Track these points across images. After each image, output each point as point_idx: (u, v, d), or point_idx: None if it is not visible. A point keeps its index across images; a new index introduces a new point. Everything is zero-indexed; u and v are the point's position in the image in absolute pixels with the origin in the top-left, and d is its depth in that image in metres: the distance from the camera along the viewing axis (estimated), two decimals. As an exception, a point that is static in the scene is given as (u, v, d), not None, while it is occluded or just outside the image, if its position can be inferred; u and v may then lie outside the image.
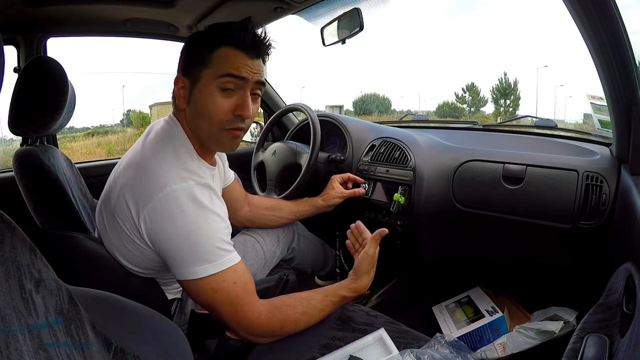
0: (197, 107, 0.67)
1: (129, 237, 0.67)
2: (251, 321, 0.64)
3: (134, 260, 0.71)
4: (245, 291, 0.65)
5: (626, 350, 0.42)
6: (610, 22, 0.58)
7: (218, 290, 0.63)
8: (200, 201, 0.63)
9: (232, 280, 0.64)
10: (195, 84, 0.66)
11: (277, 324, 0.65)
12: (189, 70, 0.67)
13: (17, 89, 0.79)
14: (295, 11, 1.12)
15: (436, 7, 49.06)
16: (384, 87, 46.60)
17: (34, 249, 0.38)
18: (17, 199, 0.77)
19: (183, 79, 0.68)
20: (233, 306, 0.64)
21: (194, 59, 0.67)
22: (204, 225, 0.63)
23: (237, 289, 0.64)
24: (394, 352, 0.58)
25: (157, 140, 0.69)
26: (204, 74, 0.65)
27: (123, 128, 12.54)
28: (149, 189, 0.62)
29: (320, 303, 0.70)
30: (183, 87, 0.68)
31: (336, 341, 0.63)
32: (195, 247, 0.62)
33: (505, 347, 0.96)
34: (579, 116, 12.44)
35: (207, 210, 0.64)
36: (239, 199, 1.01)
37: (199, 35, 0.68)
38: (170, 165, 0.65)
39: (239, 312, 0.64)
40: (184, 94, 0.68)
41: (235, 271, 0.65)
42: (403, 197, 0.98)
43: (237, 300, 0.64)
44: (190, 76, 0.67)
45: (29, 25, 1.10)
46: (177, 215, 0.61)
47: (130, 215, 0.65)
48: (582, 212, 0.79)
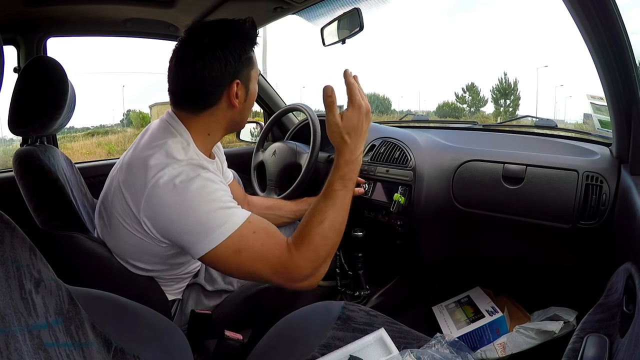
0: (251, 101, 0.75)
1: (132, 234, 0.67)
2: (286, 263, 0.62)
3: (139, 258, 0.71)
4: (267, 236, 0.63)
5: (626, 350, 0.42)
6: (610, 22, 0.58)
7: (241, 249, 0.61)
8: (192, 176, 0.63)
9: (251, 232, 0.62)
10: (249, 83, 0.73)
11: (307, 248, 0.63)
12: (240, 73, 0.71)
13: (17, 89, 0.79)
14: (295, 11, 1.12)
15: (436, 7, 49.07)
16: (384, 87, 46.60)
17: (34, 249, 0.38)
18: (17, 199, 0.78)
19: (239, 83, 0.71)
20: (263, 257, 0.62)
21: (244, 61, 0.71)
22: (201, 193, 0.62)
23: (260, 237, 0.62)
24: (394, 352, 0.58)
25: (152, 137, 0.70)
26: (253, 75, 0.74)
27: (123, 128, 12.52)
28: (143, 181, 0.63)
29: (326, 201, 0.66)
30: (240, 90, 0.71)
31: (336, 341, 0.63)
32: (199, 217, 0.61)
33: (505, 347, 0.96)
34: (579, 116, 12.42)
35: (200, 179, 0.63)
36: (238, 199, 1.01)
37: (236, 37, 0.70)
38: (162, 156, 0.65)
39: (270, 260, 0.62)
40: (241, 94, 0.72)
41: (251, 222, 0.63)
42: (403, 197, 0.98)
43: (264, 248, 0.62)
44: (244, 78, 0.72)
45: (29, 25, 1.10)
46: (171, 195, 0.61)
47: (130, 211, 0.65)
48: (582, 212, 0.79)
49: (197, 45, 0.68)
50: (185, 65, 0.69)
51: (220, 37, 0.69)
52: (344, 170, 0.67)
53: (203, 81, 0.68)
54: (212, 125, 0.73)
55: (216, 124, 0.73)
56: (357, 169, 0.69)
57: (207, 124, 0.72)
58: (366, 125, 0.69)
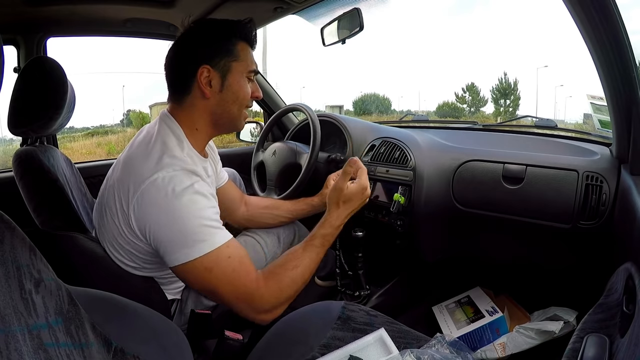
0: (231, 94, 0.74)
1: (121, 232, 0.68)
2: (251, 292, 0.64)
3: (128, 257, 0.72)
4: (241, 264, 0.65)
5: (626, 350, 0.42)
6: (610, 22, 0.58)
7: (213, 268, 0.62)
8: (186, 185, 0.64)
9: (226, 256, 0.63)
10: (227, 75, 0.72)
11: (275, 285, 0.66)
12: (215, 60, 0.71)
13: (17, 89, 0.79)
14: (295, 11, 1.12)
15: (436, 7, 49.03)
16: (384, 87, 46.61)
17: (34, 249, 0.38)
18: (17, 199, 0.78)
19: (211, 70, 0.71)
20: (231, 282, 0.63)
21: (218, 49, 0.72)
22: (190, 206, 0.63)
23: (233, 263, 0.64)
24: (394, 352, 0.58)
25: (147, 136, 0.72)
26: (235, 67, 0.73)
27: (123, 128, 12.53)
28: (136, 179, 0.64)
29: (304, 252, 0.72)
30: (209, 77, 0.71)
31: (336, 341, 0.63)
32: (183, 229, 0.62)
33: (505, 347, 0.96)
34: (579, 116, 12.42)
35: (192, 192, 0.64)
36: (235, 199, 1.02)
37: (214, 26, 0.74)
38: (155, 156, 0.66)
39: (237, 286, 0.64)
40: (211, 83, 0.72)
41: (229, 247, 0.64)
42: (403, 197, 0.98)
43: (234, 274, 0.64)
44: (219, 67, 0.72)
45: (29, 25, 1.10)
46: (162, 200, 0.62)
47: (122, 208, 0.66)
48: (582, 212, 0.79)
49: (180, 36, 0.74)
50: (167, 56, 0.75)
51: (201, 26, 0.74)
52: (327, 231, 0.75)
53: (174, 66, 0.74)
54: (197, 118, 0.74)
55: (199, 116, 0.74)
56: (336, 234, 0.77)
57: (192, 116, 0.74)
58: (359, 205, 0.78)
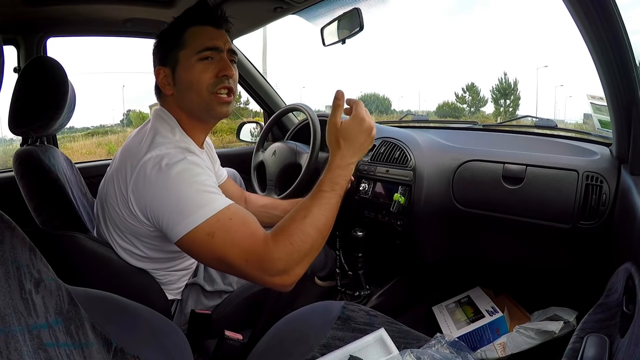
0: (184, 84, 0.72)
1: (123, 218, 0.68)
2: (259, 252, 0.59)
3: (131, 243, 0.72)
4: (244, 223, 0.61)
5: (626, 350, 0.42)
6: (610, 22, 0.58)
7: (215, 232, 0.59)
8: (179, 158, 0.63)
9: (227, 218, 0.60)
10: (176, 66, 0.72)
11: (285, 240, 0.59)
12: (166, 58, 0.73)
13: (17, 89, 0.79)
14: (295, 11, 1.12)
15: (436, 7, 49.04)
16: (383, 87, 46.66)
17: (34, 249, 0.38)
18: (17, 199, 0.77)
19: (163, 69, 0.73)
20: (236, 243, 0.59)
21: (167, 46, 0.73)
22: (183, 174, 0.62)
23: (235, 223, 0.60)
24: (394, 352, 0.58)
25: (141, 129, 0.74)
26: (182, 55, 0.71)
27: (123, 128, 12.53)
28: (132, 162, 0.65)
29: (312, 200, 0.65)
30: (165, 75, 0.73)
31: (336, 341, 0.63)
32: (181, 197, 0.60)
33: (505, 347, 0.96)
34: (579, 116, 12.43)
35: (186, 162, 0.63)
36: (234, 196, 1.01)
37: (167, 28, 0.75)
38: (149, 139, 0.68)
39: (244, 247, 0.59)
40: (168, 80, 0.73)
41: (229, 209, 0.61)
42: (403, 197, 0.98)
43: (238, 235, 0.59)
44: (169, 62, 0.73)
45: (29, 25, 1.10)
46: (157, 175, 0.62)
47: (121, 193, 0.66)
48: (582, 212, 0.79)
49: None
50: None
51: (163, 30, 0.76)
52: (333, 173, 0.67)
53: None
54: (176, 114, 0.75)
55: (176, 113, 0.75)
56: (347, 175, 0.68)
57: (173, 113, 0.75)
58: (364, 140, 0.68)
